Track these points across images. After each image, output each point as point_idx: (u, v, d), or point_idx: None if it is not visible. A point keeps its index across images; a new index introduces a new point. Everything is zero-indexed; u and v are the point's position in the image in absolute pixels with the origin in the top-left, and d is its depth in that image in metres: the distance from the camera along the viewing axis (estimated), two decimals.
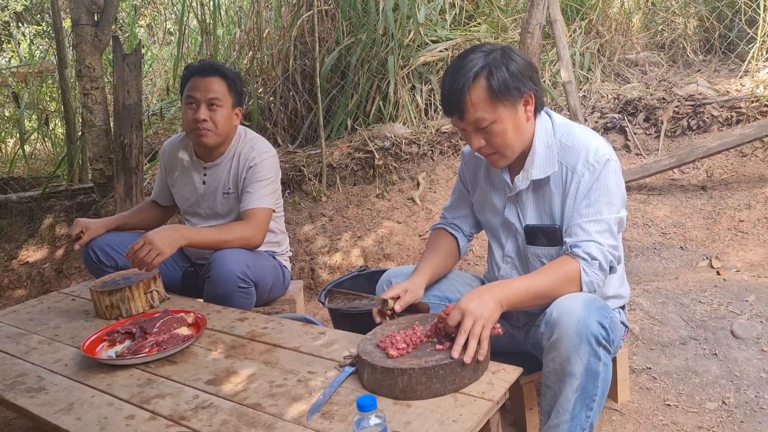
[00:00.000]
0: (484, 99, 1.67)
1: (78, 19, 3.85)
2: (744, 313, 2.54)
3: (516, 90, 1.69)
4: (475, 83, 1.67)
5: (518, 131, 1.73)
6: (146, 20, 8.39)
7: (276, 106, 4.99)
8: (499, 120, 1.69)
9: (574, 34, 5.07)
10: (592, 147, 1.72)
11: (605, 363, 1.55)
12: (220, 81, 2.47)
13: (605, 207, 1.68)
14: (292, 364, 1.74)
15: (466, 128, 1.73)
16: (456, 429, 1.36)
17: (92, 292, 2.18)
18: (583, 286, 1.63)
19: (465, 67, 1.68)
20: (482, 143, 1.73)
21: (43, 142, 6.37)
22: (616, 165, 1.73)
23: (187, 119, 2.47)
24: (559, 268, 1.65)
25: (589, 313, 1.52)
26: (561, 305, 1.55)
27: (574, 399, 1.56)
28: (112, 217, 2.73)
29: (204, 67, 2.50)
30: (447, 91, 1.72)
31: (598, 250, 1.64)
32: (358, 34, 4.70)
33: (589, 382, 1.55)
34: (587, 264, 1.63)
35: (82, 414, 1.56)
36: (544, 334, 1.58)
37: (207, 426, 1.46)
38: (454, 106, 1.71)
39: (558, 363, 1.55)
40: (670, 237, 3.52)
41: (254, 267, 2.36)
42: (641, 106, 4.23)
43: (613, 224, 1.68)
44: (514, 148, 1.75)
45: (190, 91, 2.47)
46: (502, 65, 1.67)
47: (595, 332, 1.51)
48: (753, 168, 3.80)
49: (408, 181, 4.20)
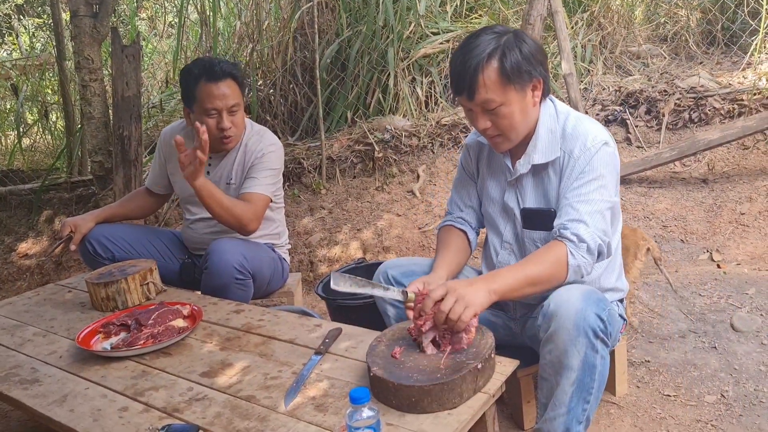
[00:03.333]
0: (496, 80, 1.65)
1: (76, 11, 3.82)
2: (744, 306, 2.53)
3: (527, 74, 1.67)
4: (488, 64, 1.64)
5: (524, 115, 1.72)
6: (148, 13, 8.36)
7: (276, 99, 4.97)
8: (508, 102, 1.67)
9: (575, 26, 5.04)
10: (591, 133, 1.71)
11: (603, 356, 1.54)
12: (233, 84, 2.41)
13: (597, 189, 1.66)
14: (287, 356, 1.73)
15: (473, 108, 1.71)
16: (451, 422, 1.35)
17: (88, 283, 2.17)
18: (570, 269, 1.60)
19: (479, 47, 1.66)
20: (488, 125, 1.71)
21: (43, 135, 6.36)
22: (613, 151, 1.72)
23: (210, 128, 2.38)
24: (548, 253, 1.62)
25: (588, 305, 1.50)
26: (559, 297, 1.53)
27: (571, 392, 1.54)
28: (100, 209, 2.69)
29: (213, 69, 2.39)
30: (458, 70, 1.68)
31: (586, 231, 1.61)
32: (359, 26, 4.68)
33: (587, 375, 1.53)
34: (574, 246, 1.60)
35: (76, 406, 1.55)
36: (541, 326, 1.56)
37: (200, 418, 1.45)
38: (464, 86, 1.68)
39: (555, 355, 1.54)
40: (670, 230, 3.50)
41: (252, 259, 2.35)
42: (642, 98, 4.20)
43: (604, 208, 1.66)
44: (519, 131, 1.73)
45: (207, 102, 2.37)
46: (515, 47, 1.66)
47: (593, 325, 1.49)
48: (755, 161, 3.77)
49: (408, 173, 4.19)
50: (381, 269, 1.97)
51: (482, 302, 1.50)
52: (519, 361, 1.58)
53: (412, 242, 3.69)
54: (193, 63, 2.49)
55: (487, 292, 1.52)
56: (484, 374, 1.45)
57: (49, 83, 6.71)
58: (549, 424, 1.59)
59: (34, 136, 6.42)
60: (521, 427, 2.03)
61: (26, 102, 6.22)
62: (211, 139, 2.40)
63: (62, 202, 4.48)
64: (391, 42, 4.52)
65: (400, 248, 3.68)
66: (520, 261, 1.67)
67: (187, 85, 2.43)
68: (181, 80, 2.47)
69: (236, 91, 2.42)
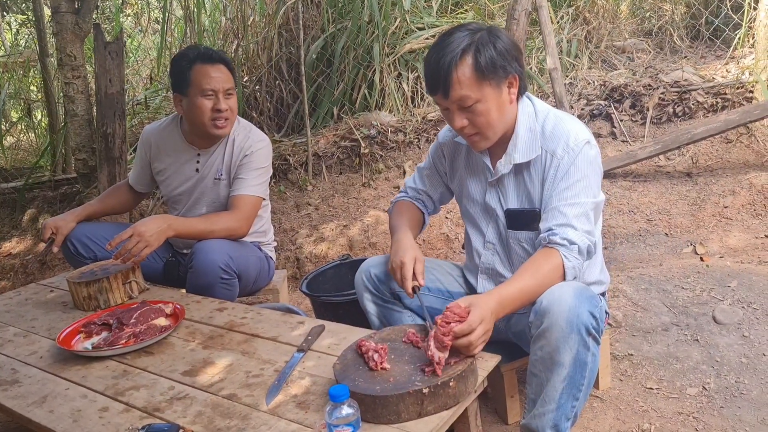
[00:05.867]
0: (471, 77, 1.64)
1: (58, 7, 3.79)
2: (726, 298, 2.55)
3: (502, 69, 1.66)
4: (462, 60, 1.64)
5: (501, 112, 1.71)
6: (133, 9, 8.28)
7: (262, 95, 4.95)
8: (484, 99, 1.67)
9: (561, 21, 5.05)
10: (572, 132, 1.71)
11: (593, 353, 1.53)
12: (226, 69, 2.41)
13: (583, 190, 1.67)
14: (269, 353, 1.72)
15: (449, 107, 1.70)
16: (432, 418, 1.35)
17: (69, 283, 2.16)
18: (567, 273, 1.61)
19: (452, 44, 1.65)
20: (465, 123, 1.71)
21: (26, 133, 6.30)
22: (595, 149, 1.72)
23: (205, 110, 2.37)
24: (543, 263, 1.61)
25: (580, 302, 1.50)
26: (551, 294, 1.53)
27: (561, 388, 1.54)
28: (80, 207, 2.66)
29: (208, 54, 2.40)
30: (432, 68, 1.68)
31: (575, 234, 1.62)
32: (344, 22, 4.66)
33: (577, 372, 1.53)
34: (567, 249, 1.61)
35: (55, 407, 1.54)
36: (533, 323, 1.56)
37: (181, 417, 1.45)
38: (439, 84, 1.67)
39: (546, 352, 1.53)
40: (655, 224, 3.52)
41: (238, 258, 2.34)
42: (627, 92, 4.22)
43: (589, 208, 1.66)
44: (497, 129, 1.73)
45: (205, 82, 2.35)
46: (489, 43, 1.65)
47: (585, 322, 1.49)
48: (737, 154, 3.80)
49: (394, 169, 4.18)
50: (362, 268, 1.97)
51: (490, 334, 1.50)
52: (500, 357, 1.59)
53: None
54: (186, 48, 2.51)
55: (495, 319, 1.52)
56: (436, 401, 1.36)
57: (32, 80, 6.65)
58: (538, 419, 1.59)
59: (18, 134, 6.36)
60: (505, 421, 2.04)
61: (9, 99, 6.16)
62: (204, 122, 2.40)
63: (46, 200, 4.45)
64: (376, 38, 4.51)
65: (386, 244, 3.67)
66: (518, 274, 1.63)
67: (180, 70, 2.40)
68: (174, 66, 2.45)
69: (229, 76, 2.43)
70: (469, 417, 1.52)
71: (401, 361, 1.49)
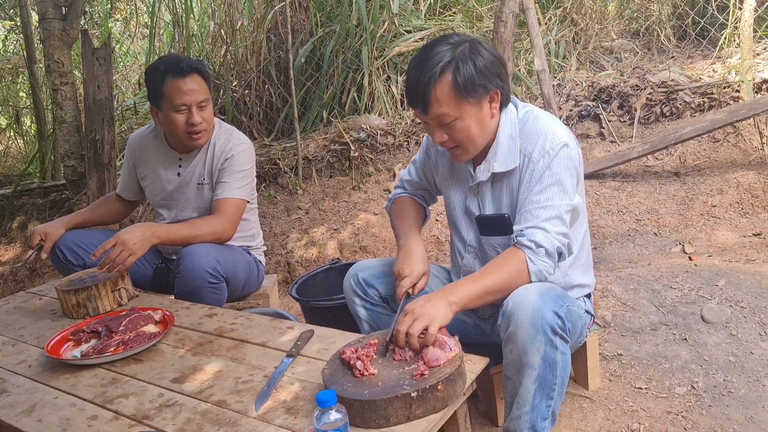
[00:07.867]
0: (449, 95, 1.64)
1: (45, 13, 3.77)
2: (714, 297, 2.57)
3: (482, 87, 1.66)
4: (441, 78, 1.63)
5: (482, 127, 1.71)
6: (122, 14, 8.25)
7: (251, 99, 4.95)
8: (463, 116, 1.67)
9: (549, 23, 5.07)
10: (549, 133, 1.70)
11: (563, 352, 1.55)
12: (199, 79, 2.38)
13: (557, 194, 1.67)
14: (259, 359, 1.73)
15: (429, 122, 1.71)
16: (421, 421, 1.36)
17: (58, 291, 2.15)
18: (532, 276, 1.62)
19: (432, 60, 1.65)
20: (444, 138, 1.71)
21: (15, 139, 6.27)
22: (574, 151, 1.71)
23: (179, 125, 2.37)
24: (506, 261, 1.64)
25: (544, 303, 1.51)
26: (516, 296, 1.54)
27: (533, 389, 1.56)
28: (70, 215, 2.66)
29: (179, 65, 2.36)
30: (412, 84, 1.68)
31: (543, 236, 1.62)
32: (332, 26, 4.67)
33: (548, 371, 1.54)
34: (532, 252, 1.62)
35: (44, 416, 1.54)
36: (501, 326, 1.57)
37: (170, 425, 1.45)
38: (418, 100, 1.68)
39: (516, 354, 1.55)
40: (644, 223, 3.54)
41: (225, 262, 2.34)
42: (615, 93, 4.24)
43: (563, 211, 1.67)
44: (477, 143, 1.73)
45: (176, 97, 2.33)
46: (469, 60, 1.64)
47: (550, 322, 1.50)
48: (725, 153, 3.83)
49: (384, 172, 4.19)
50: (351, 272, 1.98)
51: (444, 315, 1.52)
52: (489, 359, 1.59)
53: (389, 241, 3.70)
54: (158, 60, 2.47)
55: (447, 304, 1.55)
56: (424, 404, 1.37)
57: (21, 87, 6.62)
58: (515, 422, 1.60)
59: (6, 141, 6.33)
60: (495, 423, 2.05)
61: None
62: (180, 134, 2.41)
63: (35, 207, 4.43)
64: (365, 41, 4.52)
65: (377, 247, 3.68)
66: (480, 270, 1.68)
67: (153, 84, 2.39)
68: (147, 79, 2.44)
69: (203, 86, 2.40)
70: (458, 420, 1.52)
71: (390, 365, 1.50)
